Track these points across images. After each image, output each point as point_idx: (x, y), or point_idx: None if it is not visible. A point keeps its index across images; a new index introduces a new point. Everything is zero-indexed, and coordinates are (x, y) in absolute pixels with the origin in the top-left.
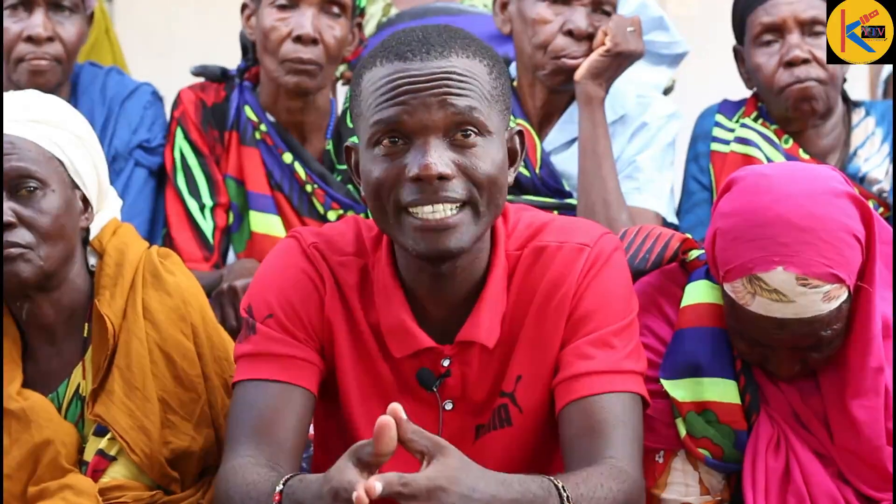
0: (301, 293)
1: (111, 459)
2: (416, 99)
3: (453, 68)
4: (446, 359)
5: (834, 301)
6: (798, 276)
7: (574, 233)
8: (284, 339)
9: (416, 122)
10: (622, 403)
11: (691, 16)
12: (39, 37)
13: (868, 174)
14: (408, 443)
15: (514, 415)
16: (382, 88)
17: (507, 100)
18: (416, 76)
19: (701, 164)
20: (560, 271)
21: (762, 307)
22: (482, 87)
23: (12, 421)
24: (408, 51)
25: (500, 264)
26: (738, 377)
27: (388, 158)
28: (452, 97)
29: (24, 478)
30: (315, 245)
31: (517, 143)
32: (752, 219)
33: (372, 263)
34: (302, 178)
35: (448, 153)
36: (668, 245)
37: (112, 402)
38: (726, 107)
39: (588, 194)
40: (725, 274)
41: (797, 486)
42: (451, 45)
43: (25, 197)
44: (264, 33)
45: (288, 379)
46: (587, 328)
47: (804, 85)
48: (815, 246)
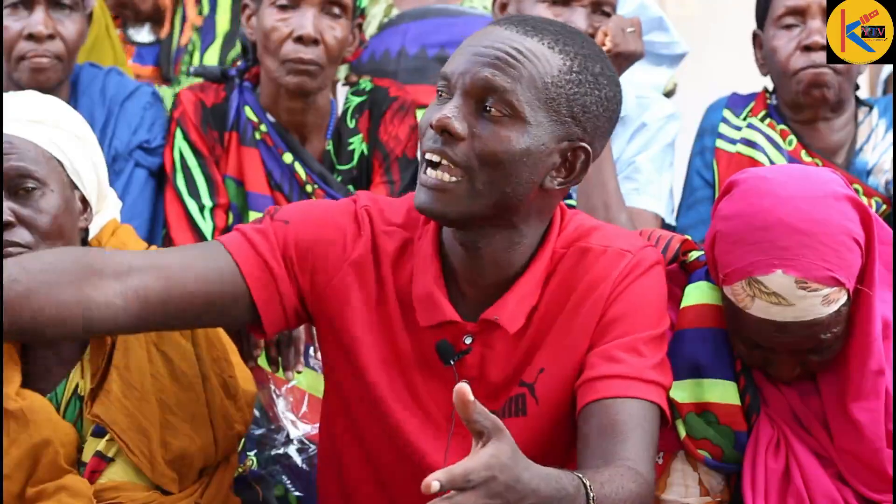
0: (327, 241)
1: (109, 461)
2: (469, 54)
3: (523, 48)
4: (469, 336)
5: (833, 304)
6: (797, 279)
7: (620, 240)
8: (274, 245)
9: (461, 74)
10: (643, 410)
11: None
12: (40, 34)
13: (875, 165)
14: (471, 422)
15: (531, 405)
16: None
17: (574, 109)
18: (490, 35)
19: (706, 159)
20: (599, 273)
21: (762, 310)
22: (542, 75)
23: (11, 421)
24: (510, 22)
25: (542, 260)
26: (738, 378)
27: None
28: (503, 69)
29: (23, 478)
30: (367, 208)
31: (578, 160)
32: (752, 222)
33: (419, 236)
34: (302, 178)
35: (469, 119)
36: (668, 246)
37: (110, 402)
38: (735, 101)
39: (588, 196)
40: (725, 277)
41: (797, 488)
42: (545, 35)
43: (24, 196)
44: (265, 34)
45: (239, 260)
46: (617, 332)
47: (819, 70)
48: (814, 249)
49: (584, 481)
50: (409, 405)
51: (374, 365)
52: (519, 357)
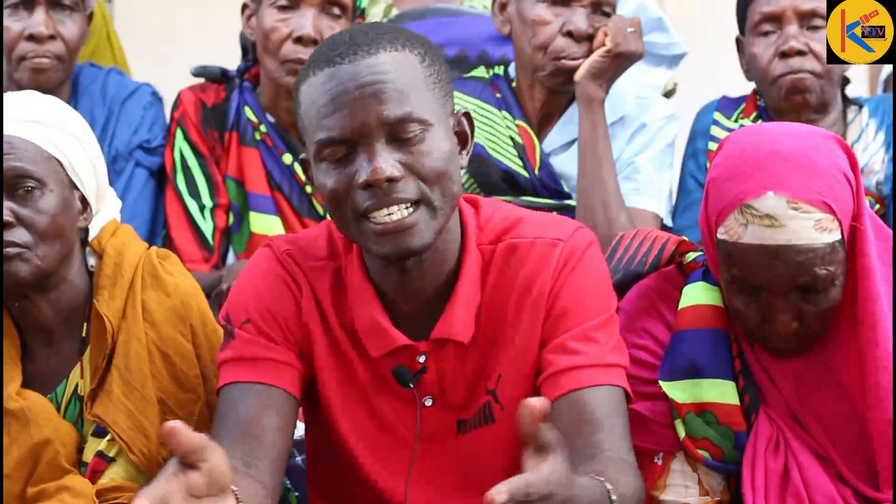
0: (277, 298)
1: (110, 461)
2: (352, 106)
3: (383, 65)
4: (422, 355)
5: (826, 234)
6: (789, 199)
7: (547, 228)
8: (263, 343)
9: (356, 130)
10: (612, 395)
11: (690, 16)
12: (41, 35)
13: (866, 165)
14: (537, 437)
15: (497, 412)
16: (318, 101)
17: (447, 85)
18: (346, 81)
19: (699, 162)
20: (534, 268)
21: (755, 236)
22: (416, 78)
23: (11, 421)
24: (336, 55)
25: (472, 258)
26: (737, 378)
27: (338, 169)
28: (387, 98)
29: (24, 477)
30: (288, 252)
31: (465, 126)
32: (743, 157)
33: (345, 266)
34: (302, 178)
35: (394, 154)
36: (664, 247)
37: (111, 402)
38: (725, 104)
39: (588, 195)
40: (718, 216)
41: (796, 488)
42: (378, 41)
43: (23, 196)
44: (265, 34)
45: (267, 381)
46: (567, 324)
47: (797, 76)
48: (805, 175)
49: (605, 485)
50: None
51: (335, 399)
52: (474, 364)
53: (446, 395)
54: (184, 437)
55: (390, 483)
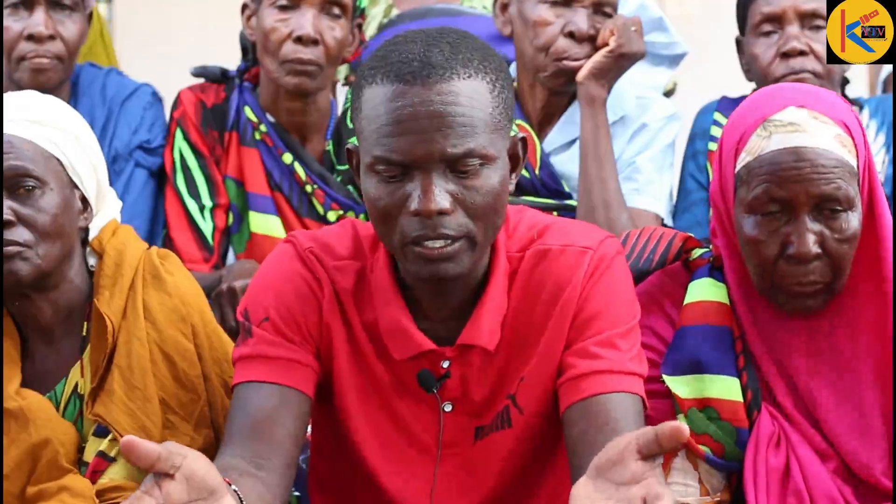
0: (297, 297)
1: (111, 461)
2: (417, 134)
3: (454, 95)
4: (446, 360)
5: (846, 152)
6: (809, 110)
7: (575, 236)
8: (280, 342)
9: (417, 159)
10: (630, 403)
11: (690, 16)
12: (41, 35)
13: None
14: (645, 447)
15: (514, 416)
16: (383, 116)
17: (511, 111)
18: (416, 105)
19: (699, 163)
20: (564, 274)
21: (780, 142)
22: (485, 111)
23: (11, 420)
24: (408, 73)
25: (500, 267)
26: (741, 375)
27: (389, 186)
28: (453, 133)
29: (23, 477)
30: (311, 249)
31: (519, 150)
32: (759, 97)
33: (370, 265)
34: (302, 178)
35: (448, 185)
36: (671, 244)
37: (112, 402)
38: (725, 104)
39: (589, 195)
40: (738, 143)
41: (796, 485)
42: (453, 64)
43: (23, 196)
44: (265, 34)
45: (283, 381)
46: (592, 330)
47: (798, 76)
48: (823, 99)
49: None
50: (387, 439)
51: (352, 399)
52: (497, 370)
53: (466, 401)
54: (142, 449)
55: (399, 483)
